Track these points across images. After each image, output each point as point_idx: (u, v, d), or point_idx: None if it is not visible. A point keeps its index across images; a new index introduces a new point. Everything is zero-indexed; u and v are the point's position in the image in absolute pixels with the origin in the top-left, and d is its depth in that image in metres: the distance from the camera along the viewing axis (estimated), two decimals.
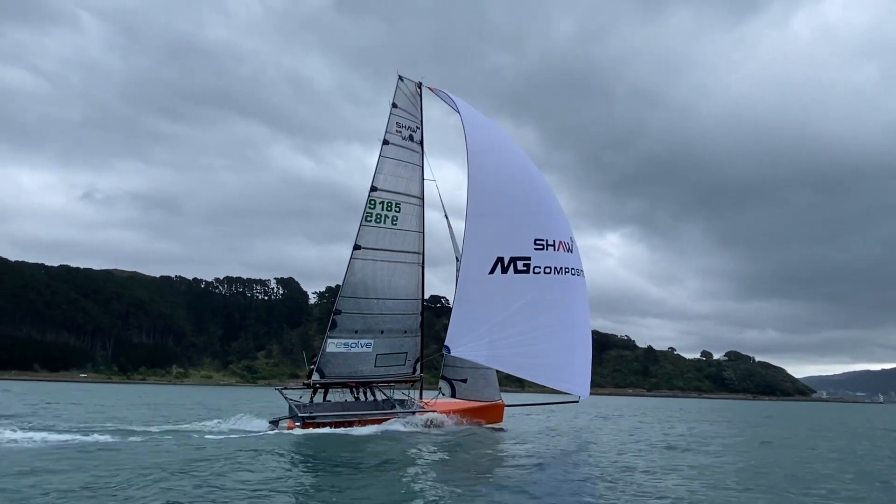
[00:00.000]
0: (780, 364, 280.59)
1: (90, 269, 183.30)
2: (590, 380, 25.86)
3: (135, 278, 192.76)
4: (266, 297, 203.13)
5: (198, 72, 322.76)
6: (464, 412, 26.56)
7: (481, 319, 22.90)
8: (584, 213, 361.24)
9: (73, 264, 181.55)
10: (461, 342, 22.75)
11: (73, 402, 41.99)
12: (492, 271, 23.33)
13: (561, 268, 24.29)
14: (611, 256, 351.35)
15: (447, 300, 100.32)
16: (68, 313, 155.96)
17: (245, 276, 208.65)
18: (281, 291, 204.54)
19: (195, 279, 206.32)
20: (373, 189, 25.79)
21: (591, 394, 25.58)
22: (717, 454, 20.09)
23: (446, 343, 22.84)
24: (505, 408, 28.92)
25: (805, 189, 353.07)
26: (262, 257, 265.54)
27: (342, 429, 23.22)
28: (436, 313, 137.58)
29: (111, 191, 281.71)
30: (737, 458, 18.93)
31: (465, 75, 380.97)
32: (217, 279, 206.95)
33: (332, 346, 25.93)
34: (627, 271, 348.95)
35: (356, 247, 25.70)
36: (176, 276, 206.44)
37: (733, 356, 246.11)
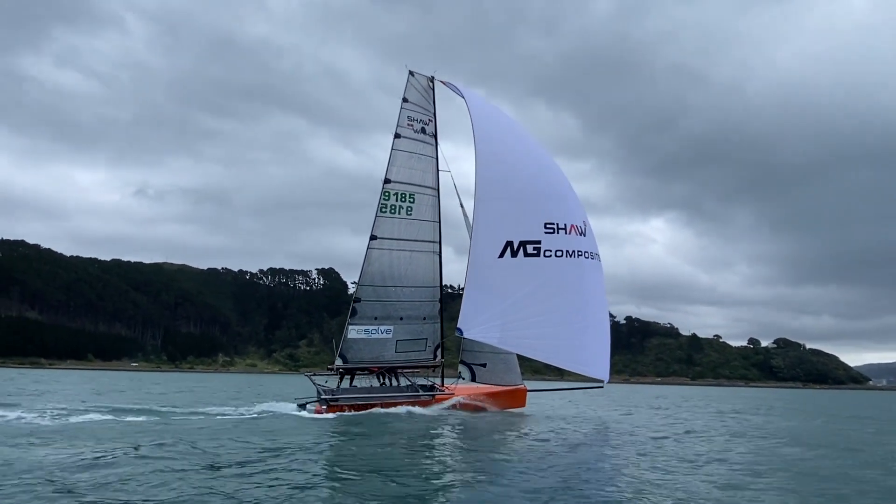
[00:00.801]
0: (833, 352, 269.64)
1: (140, 263, 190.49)
2: (608, 364, 25.93)
3: (183, 271, 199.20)
4: (307, 288, 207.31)
5: (239, 68, 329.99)
6: (485, 396, 26.92)
7: (493, 302, 23.16)
8: (626, 198, 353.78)
9: (129, 258, 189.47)
10: (473, 325, 23.06)
11: (149, 390, 43.96)
12: (501, 255, 23.54)
13: (573, 251, 24.33)
14: (655, 242, 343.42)
15: (455, 286, 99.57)
16: (119, 305, 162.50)
17: (288, 268, 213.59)
18: (322, 281, 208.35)
19: (240, 271, 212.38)
20: (386, 181, 26.42)
21: (632, 382, 25.69)
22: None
23: (458, 325, 23.23)
24: (527, 393, 29.11)
25: (863, 167, 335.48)
26: (306, 248, 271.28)
27: (363, 411, 23.85)
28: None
29: (163, 187, 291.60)
30: None
31: (501, 61, 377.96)
32: (261, 270, 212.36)
33: (354, 332, 26.68)
34: (674, 258, 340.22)
35: (372, 237, 26.35)
36: (222, 268, 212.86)
37: (782, 343, 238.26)
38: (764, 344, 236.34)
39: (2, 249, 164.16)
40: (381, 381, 26.57)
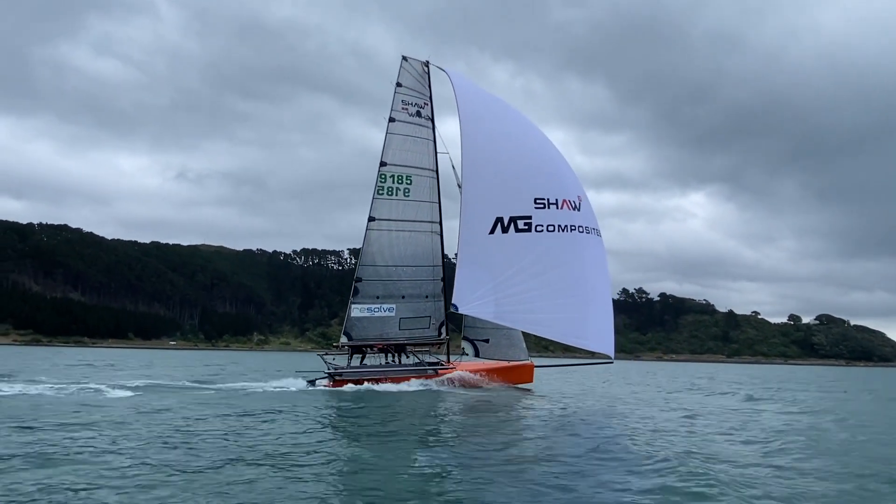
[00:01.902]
0: (880, 328, 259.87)
1: (178, 245, 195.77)
2: (612, 339, 25.97)
3: (220, 252, 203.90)
4: (340, 268, 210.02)
5: (268, 50, 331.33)
6: (489, 372, 27.21)
7: (486, 278, 23.41)
8: (664, 172, 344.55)
9: (171, 241, 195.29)
10: (468, 300, 23.36)
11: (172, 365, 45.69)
12: (492, 231, 23.76)
13: (566, 226, 24.45)
14: (696, 217, 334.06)
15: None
16: (158, 286, 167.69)
17: (321, 248, 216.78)
18: (353, 261, 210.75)
19: (275, 252, 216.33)
20: (382, 164, 26.96)
21: (665, 360, 25.80)
22: None
23: (453, 301, 23.61)
24: (535, 369, 29.25)
25: None
26: (341, 229, 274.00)
27: (365, 384, 24.66)
28: None
29: (202, 170, 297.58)
30: None
31: (530, 34, 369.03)
32: (294, 251, 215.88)
33: (357, 311, 27.34)
34: (715, 232, 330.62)
35: (371, 218, 27.07)
36: (258, 249, 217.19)
37: (825, 319, 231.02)
38: (805, 320, 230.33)
39: (46, 234, 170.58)
40: (388, 358, 27.18)
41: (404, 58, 27.86)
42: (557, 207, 24.45)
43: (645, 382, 40.91)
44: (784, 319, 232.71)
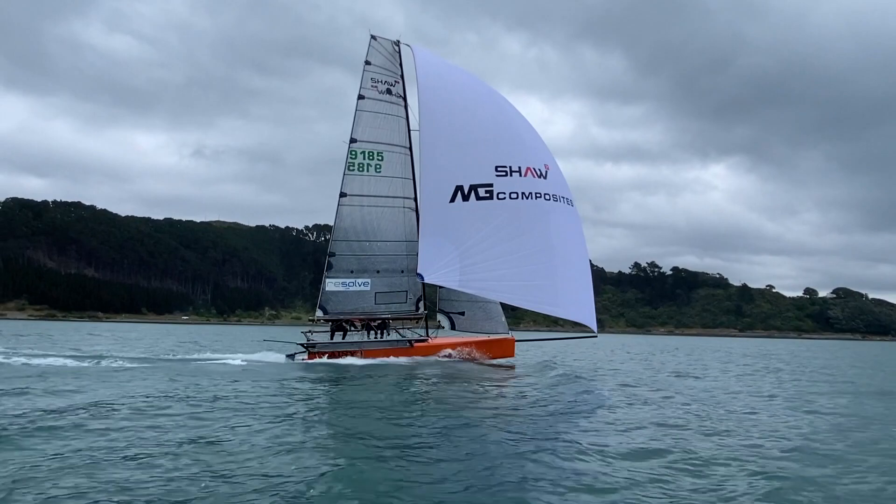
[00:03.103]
0: None
1: (191, 221, 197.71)
2: (592, 310, 25.90)
3: (232, 228, 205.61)
4: None
5: (277, 23, 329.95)
6: (465, 346, 27.23)
7: (449, 246, 23.32)
8: (683, 143, 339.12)
9: (192, 218, 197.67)
10: (432, 269, 23.31)
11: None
12: (452, 199, 23.59)
13: (530, 193, 24.16)
14: (716, 189, 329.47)
15: None
16: (170, 262, 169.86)
17: (332, 224, 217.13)
18: None
19: (287, 227, 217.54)
20: (352, 141, 26.94)
21: (676, 334, 25.66)
22: None
23: (418, 271, 23.58)
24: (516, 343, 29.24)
25: None
26: None
27: (341, 358, 25.03)
28: None
29: (218, 147, 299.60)
30: None
31: (544, 3, 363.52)
32: (307, 227, 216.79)
33: (331, 285, 27.51)
34: (736, 205, 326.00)
35: (342, 194, 27.19)
36: (270, 225, 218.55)
37: (842, 293, 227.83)
38: (821, 294, 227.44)
39: (60, 211, 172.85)
40: (371, 335, 27.34)
41: (373, 37, 27.84)
42: (521, 175, 24.15)
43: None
44: (800, 293, 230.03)
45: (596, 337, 28.33)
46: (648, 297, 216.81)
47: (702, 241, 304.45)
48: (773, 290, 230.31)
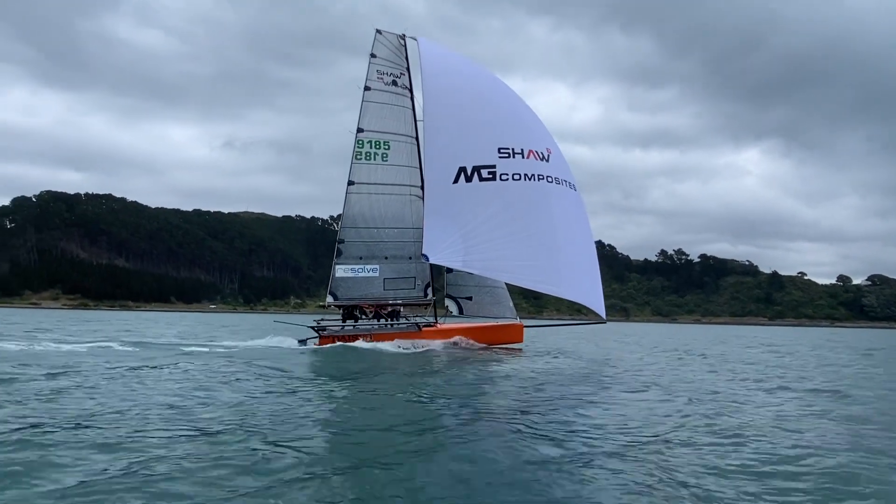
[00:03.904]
0: None
1: (219, 212, 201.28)
2: (599, 294, 26.05)
3: (259, 219, 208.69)
4: None
5: (301, 14, 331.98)
6: (471, 331, 27.42)
7: (453, 227, 23.63)
8: (715, 127, 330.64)
9: (223, 209, 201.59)
10: (437, 250, 23.64)
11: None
12: (455, 181, 23.86)
13: (533, 175, 24.37)
14: (750, 174, 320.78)
15: None
16: (197, 252, 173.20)
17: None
18: None
19: (313, 217, 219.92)
20: (359, 130, 27.50)
21: (703, 323, 25.72)
22: None
23: (423, 252, 23.94)
24: (524, 328, 29.34)
25: None
26: None
27: (350, 342, 25.47)
28: None
29: (248, 139, 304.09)
30: None
31: None
32: (332, 217, 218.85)
33: (340, 271, 27.95)
34: (771, 190, 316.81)
35: (350, 182, 27.76)
36: (296, 215, 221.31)
37: (878, 280, 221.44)
38: (856, 281, 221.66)
39: (92, 203, 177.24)
40: (379, 320, 27.70)
41: (378, 31, 28.35)
42: (523, 157, 24.38)
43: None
44: (833, 281, 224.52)
45: (604, 323, 28.37)
46: (675, 285, 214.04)
47: (735, 228, 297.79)
48: (805, 278, 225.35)
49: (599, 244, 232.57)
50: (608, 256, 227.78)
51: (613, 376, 17.09)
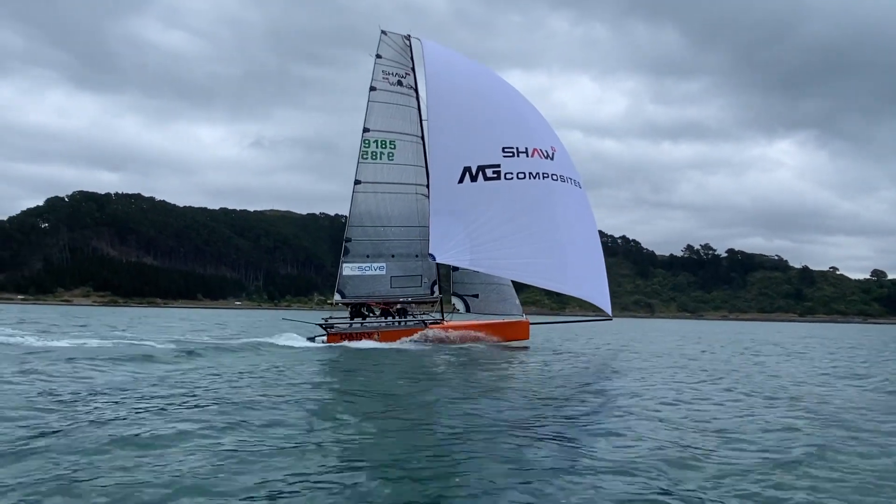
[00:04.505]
0: None
1: (245, 210, 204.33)
2: (606, 291, 26.09)
3: (284, 217, 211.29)
4: None
5: (323, 13, 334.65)
6: (476, 328, 27.52)
7: (459, 226, 23.80)
8: (746, 119, 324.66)
9: (251, 208, 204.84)
10: (443, 249, 23.85)
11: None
12: (461, 181, 24.02)
13: (537, 173, 24.45)
14: (783, 167, 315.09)
15: None
16: (223, 250, 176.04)
17: None
18: None
19: (336, 215, 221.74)
20: (365, 130, 27.75)
21: (731, 319, 25.74)
22: None
23: (430, 251, 24.18)
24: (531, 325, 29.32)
25: None
26: None
27: (356, 341, 25.78)
28: None
29: (275, 138, 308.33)
30: None
31: None
32: None
33: (348, 269, 28.26)
34: (805, 183, 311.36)
35: (356, 181, 27.92)
36: (320, 213, 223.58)
37: None
38: (891, 276, 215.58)
39: (122, 203, 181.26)
40: (386, 318, 27.96)
41: (383, 32, 28.58)
42: (528, 156, 24.47)
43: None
44: (867, 275, 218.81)
45: (610, 320, 28.25)
46: (701, 281, 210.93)
47: (769, 222, 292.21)
48: (837, 273, 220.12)
49: (624, 239, 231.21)
50: (633, 252, 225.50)
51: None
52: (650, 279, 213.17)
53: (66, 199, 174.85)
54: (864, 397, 13.14)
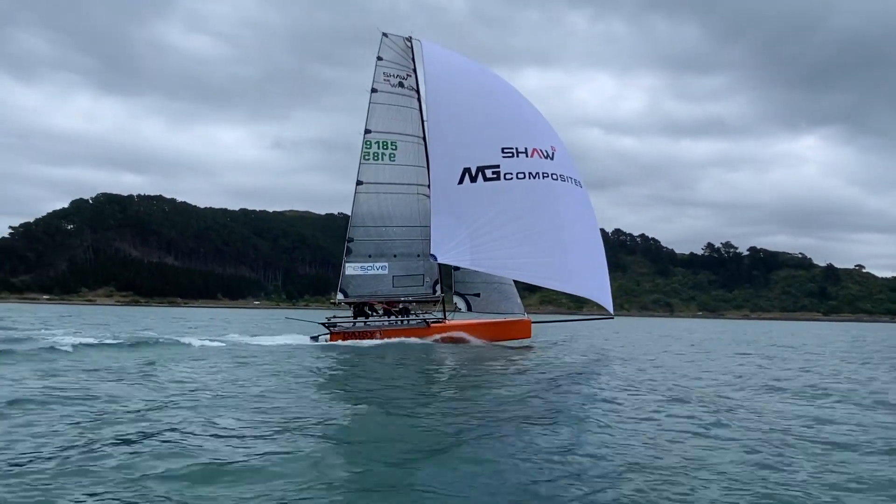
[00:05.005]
0: None
1: (264, 211, 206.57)
2: (607, 289, 26.15)
3: (303, 217, 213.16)
4: None
5: (341, 13, 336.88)
6: (476, 328, 27.59)
7: (460, 226, 23.93)
8: (769, 115, 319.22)
9: (271, 209, 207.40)
10: (444, 249, 24.00)
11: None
12: (461, 181, 24.15)
13: (537, 173, 24.53)
14: (808, 163, 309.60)
15: None
16: (242, 250, 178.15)
17: None
18: None
19: None
20: (367, 132, 27.98)
21: (752, 319, 25.65)
22: None
23: (431, 251, 24.35)
24: (532, 324, 29.33)
25: None
26: None
27: (358, 339, 26.02)
28: None
29: (296, 139, 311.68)
30: None
31: None
32: None
33: (350, 269, 28.51)
34: (832, 179, 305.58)
35: (358, 182, 28.14)
36: (339, 213, 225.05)
37: None
38: None
39: (143, 204, 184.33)
40: (389, 317, 28.15)
41: (384, 34, 28.72)
42: (527, 156, 24.54)
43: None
44: (895, 273, 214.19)
45: (612, 318, 28.18)
46: (722, 280, 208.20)
47: (794, 220, 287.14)
48: (864, 271, 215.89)
49: (643, 238, 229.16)
50: (652, 251, 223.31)
51: None
52: (670, 278, 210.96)
53: (90, 201, 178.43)
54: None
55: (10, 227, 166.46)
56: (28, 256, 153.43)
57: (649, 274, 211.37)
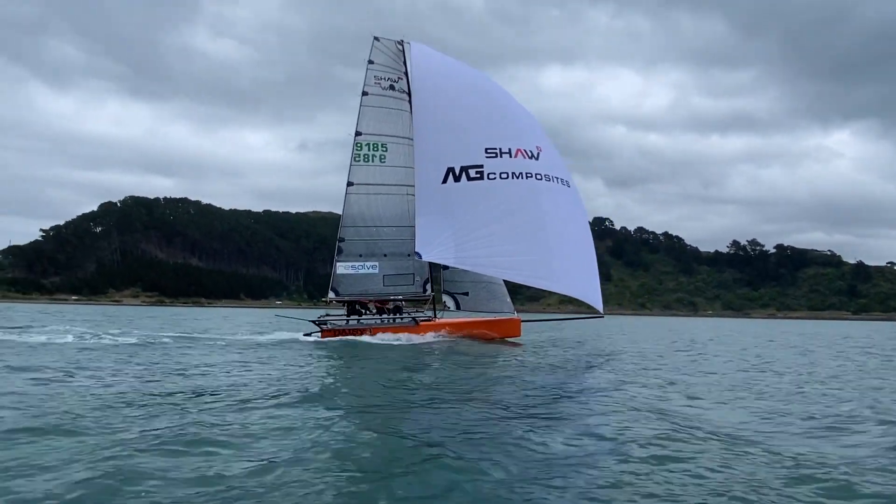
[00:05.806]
0: None
1: (287, 212, 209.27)
2: (596, 288, 26.30)
3: (325, 218, 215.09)
4: None
5: (361, 14, 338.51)
6: (461, 326, 27.98)
7: (444, 225, 24.37)
8: (800, 109, 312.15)
9: (299, 209, 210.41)
10: (429, 248, 24.47)
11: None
12: (444, 181, 24.56)
13: (521, 173, 24.79)
14: (841, 157, 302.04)
15: None
16: (265, 251, 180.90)
17: None
18: None
19: None
20: (357, 134, 28.55)
21: (779, 318, 25.75)
22: None
23: (416, 250, 24.84)
24: (522, 323, 29.58)
25: None
26: None
27: (350, 336, 26.75)
28: None
29: (320, 140, 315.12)
30: None
31: None
32: None
33: (341, 268, 29.20)
34: (866, 174, 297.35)
35: (349, 183, 28.85)
36: None
37: None
38: None
39: (169, 207, 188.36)
40: (381, 315, 28.72)
41: (376, 38, 29.28)
42: (511, 156, 24.83)
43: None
44: None
45: (602, 317, 28.24)
46: (748, 278, 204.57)
47: (828, 216, 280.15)
48: (895, 268, 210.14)
49: (666, 236, 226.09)
50: (675, 249, 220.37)
51: None
52: (694, 276, 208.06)
53: (118, 205, 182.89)
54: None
55: (41, 229, 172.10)
56: (58, 258, 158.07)
57: (672, 272, 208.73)
